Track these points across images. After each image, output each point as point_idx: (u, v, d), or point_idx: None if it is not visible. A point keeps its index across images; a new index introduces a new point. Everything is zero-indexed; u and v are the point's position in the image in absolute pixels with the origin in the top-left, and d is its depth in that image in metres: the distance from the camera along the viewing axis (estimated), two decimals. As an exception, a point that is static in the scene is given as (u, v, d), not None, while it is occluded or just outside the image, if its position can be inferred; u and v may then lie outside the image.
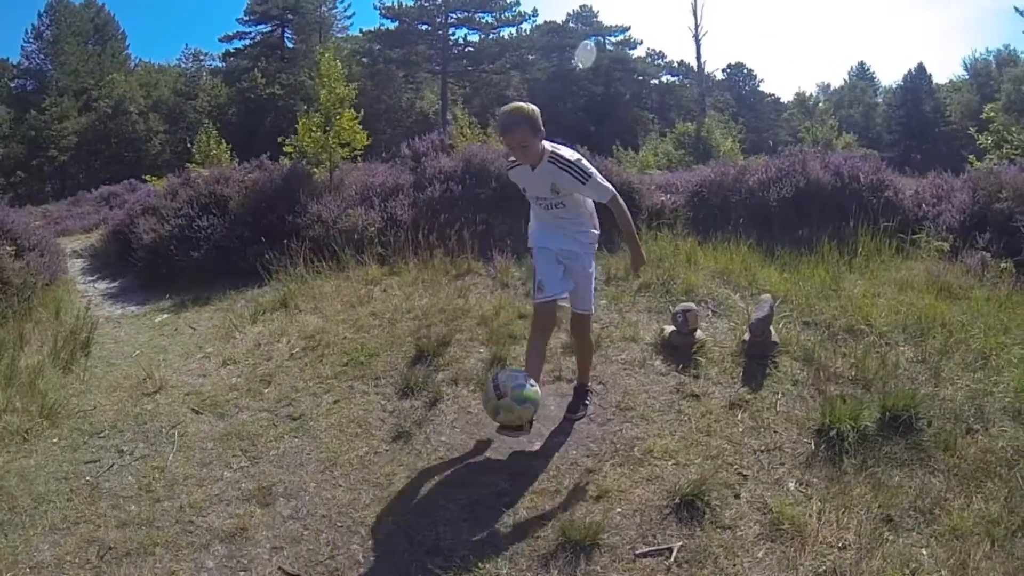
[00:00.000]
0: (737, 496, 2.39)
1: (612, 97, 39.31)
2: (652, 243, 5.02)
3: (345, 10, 42.89)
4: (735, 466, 2.55)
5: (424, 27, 38.39)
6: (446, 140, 7.56)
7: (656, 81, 44.73)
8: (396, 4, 37.93)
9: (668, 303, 4.04)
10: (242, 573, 2.16)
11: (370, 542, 2.26)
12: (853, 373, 3.09)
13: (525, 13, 40.55)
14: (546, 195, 2.73)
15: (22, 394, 3.37)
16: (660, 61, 45.26)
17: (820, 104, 43.09)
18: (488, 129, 10.35)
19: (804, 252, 4.77)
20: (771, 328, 3.30)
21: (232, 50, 38.18)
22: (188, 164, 9.34)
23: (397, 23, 37.93)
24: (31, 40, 34.06)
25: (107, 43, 36.12)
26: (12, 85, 33.69)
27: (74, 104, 32.45)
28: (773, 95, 48.71)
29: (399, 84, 38.38)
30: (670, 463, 2.58)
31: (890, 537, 2.15)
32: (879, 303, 3.81)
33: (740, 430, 2.78)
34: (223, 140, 10.94)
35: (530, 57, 40.99)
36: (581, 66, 37.09)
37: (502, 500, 2.43)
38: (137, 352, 4.47)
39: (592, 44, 37.99)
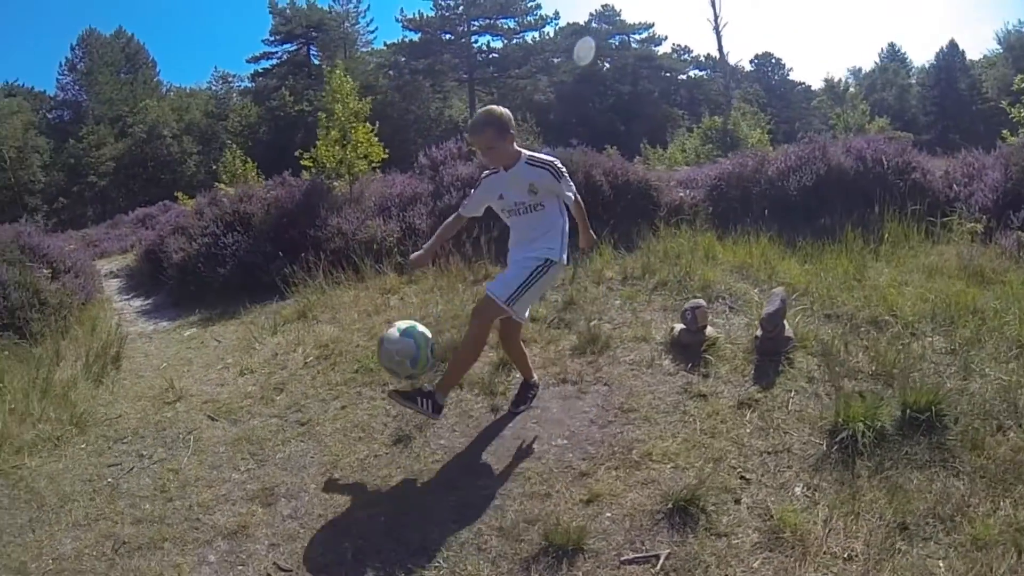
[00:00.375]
0: (737, 501, 2.38)
1: (640, 95, 39.76)
2: (669, 240, 5.07)
3: (368, 24, 45.04)
4: (738, 469, 2.56)
5: (447, 36, 39.62)
6: (463, 147, 7.78)
7: (684, 76, 44.98)
8: (417, 16, 39.50)
9: (683, 301, 4.06)
10: (240, 568, 2.37)
11: (360, 542, 2.43)
12: (874, 368, 3.05)
13: (547, 16, 41.62)
14: (524, 198, 2.88)
15: (55, 405, 3.76)
16: (686, 56, 45.56)
17: (851, 89, 42.07)
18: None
19: (827, 242, 4.72)
20: (785, 322, 3.31)
21: (260, 70, 40.48)
22: (216, 184, 9.94)
23: (420, 34, 39.38)
24: (65, 72, 37.27)
25: (138, 71, 39.06)
26: (50, 116, 36.84)
27: (110, 131, 35.11)
28: (803, 83, 48.49)
29: (427, 94, 39.66)
30: (668, 466, 2.62)
31: (903, 547, 2.08)
32: (906, 292, 3.75)
33: (747, 431, 2.79)
34: (248, 159, 11.57)
35: (555, 60, 41.81)
36: (581, 62, 37.36)
37: (491, 503, 2.53)
38: (164, 364, 4.83)
39: (591, 40, 38.27)
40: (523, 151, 2.91)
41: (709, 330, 3.52)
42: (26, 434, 3.44)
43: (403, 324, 2.89)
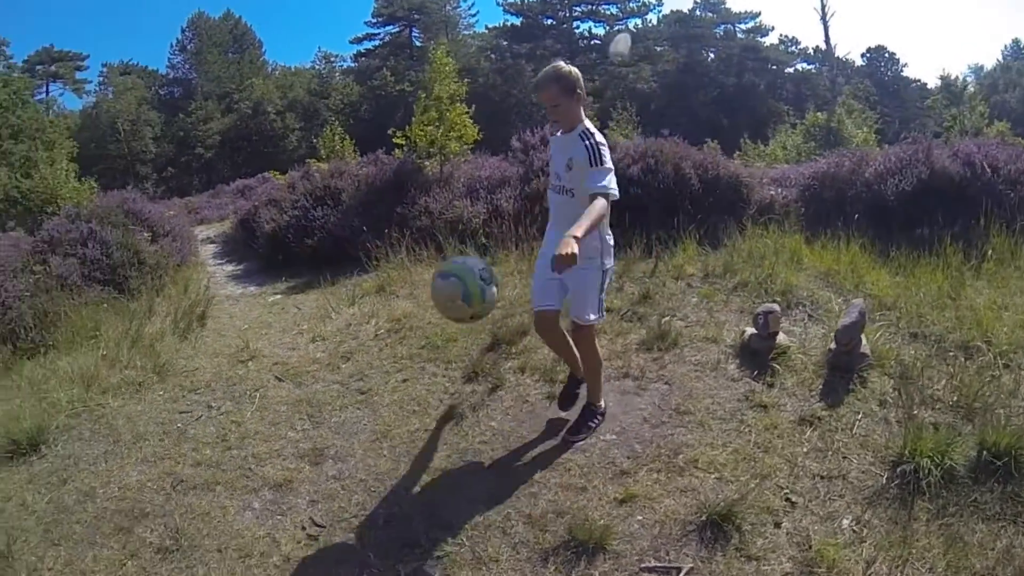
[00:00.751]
0: (777, 525, 2.27)
1: (745, 88, 38.18)
2: (755, 240, 4.86)
3: (469, 8, 46.09)
4: (785, 490, 2.42)
5: (549, 21, 39.64)
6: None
7: (790, 70, 42.87)
8: (518, 0, 39.42)
9: (762, 304, 3.93)
10: (279, 517, 2.56)
11: (394, 509, 2.55)
12: (955, 398, 2.79)
13: (650, 3, 40.86)
14: (561, 173, 2.74)
15: (142, 354, 4.18)
16: (793, 48, 43.45)
17: (969, 88, 38.09)
18: (610, 123, 10.38)
19: (922, 253, 4.35)
20: (863, 337, 3.09)
21: (362, 51, 42.50)
22: (308, 160, 10.53)
23: (521, 18, 39.73)
24: (176, 52, 40.74)
25: (245, 51, 41.85)
26: (162, 92, 40.41)
27: (217, 107, 38.17)
28: (918, 80, 44.54)
29: (528, 79, 39.87)
30: (712, 476, 2.53)
31: (949, 608, 1.89)
32: (1004, 316, 3.40)
33: (803, 450, 2.63)
34: (347, 136, 12.17)
35: (658, 48, 40.92)
36: (618, 58, 36.10)
37: (527, 489, 2.56)
38: (245, 326, 5.21)
39: (627, 34, 36.87)
40: (586, 121, 2.72)
41: (781, 337, 3.36)
42: (113, 378, 3.86)
43: (443, 265, 2.86)
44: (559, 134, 2.81)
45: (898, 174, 5.40)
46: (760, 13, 43.15)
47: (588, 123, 2.73)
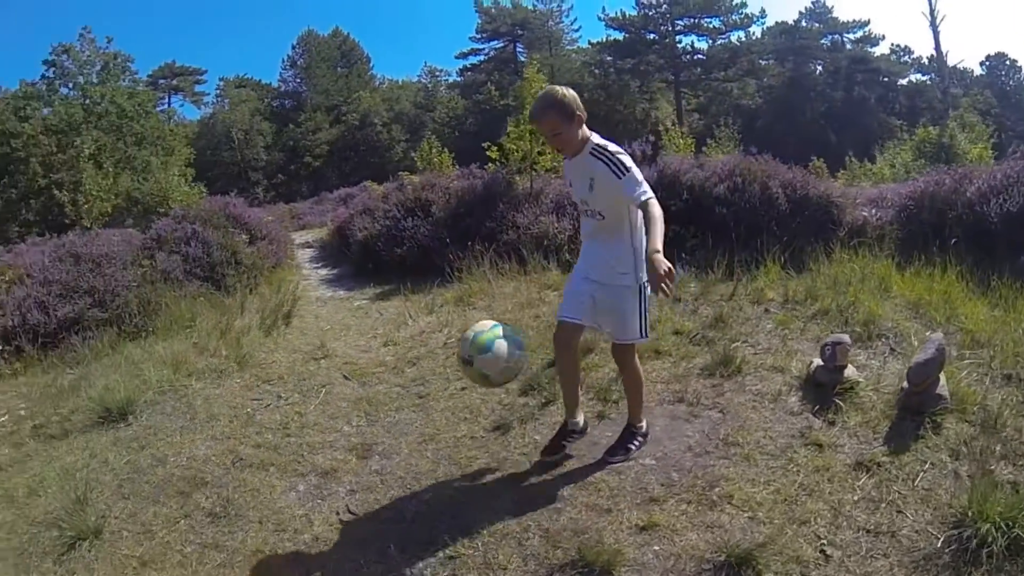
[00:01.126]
0: None
1: (855, 102, 35.95)
2: (841, 264, 4.64)
3: (572, 23, 46.23)
4: (822, 540, 2.27)
5: (651, 36, 39.37)
6: (648, 149, 7.78)
7: (903, 81, 39.63)
8: (620, 14, 39.65)
9: (842, 334, 3.75)
10: (318, 501, 2.80)
11: (423, 508, 2.69)
12: (1046, 455, 2.51)
13: (753, 15, 39.37)
14: (586, 196, 2.68)
15: (228, 346, 4.69)
16: (906, 58, 40.09)
17: None
18: (709, 141, 10.15)
19: None
20: (940, 377, 2.86)
21: (467, 66, 44.26)
22: (401, 172, 11.15)
23: (624, 33, 39.65)
24: (287, 67, 44.20)
25: (353, 65, 44.73)
26: (274, 104, 43.95)
27: (326, 118, 41.04)
28: None
29: (633, 94, 39.78)
30: (745, 515, 2.43)
31: None
32: None
33: (853, 498, 2.46)
34: (445, 149, 12.77)
35: (763, 62, 39.55)
36: None
37: (551, 504, 2.60)
38: (327, 327, 5.65)
39: None
40: (592, 136, 2.64)
41: (850, 371, 3.19)
42: (199, 363, 4.38)
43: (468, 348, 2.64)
44: (570, 159, 2.74)
45: (1003, 193, 4.90)
46: (869, 21, 40.01)
47: (596, 137, 2.66)
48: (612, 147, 2.61)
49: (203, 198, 13.88)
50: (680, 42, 40.11)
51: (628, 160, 2.56)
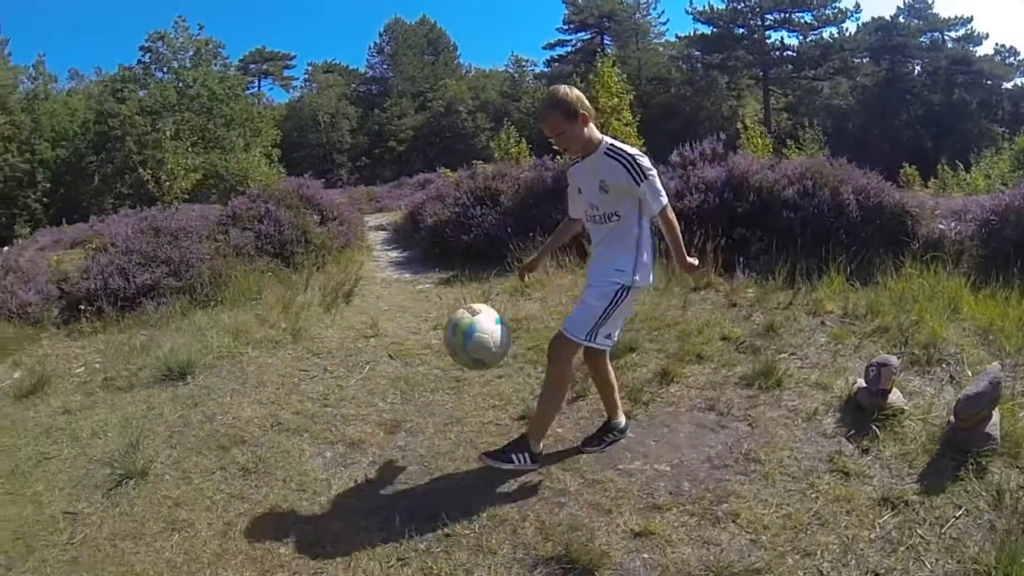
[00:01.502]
0: None
1: (954, 106, 33.30)
2: (909, 280, 4.37)
3: (659, 16, 45.74)
4: None
5: (740, 30, 37.95)
6: (718, 147, 7.58)
7: (1008, 85, 36.28)
8: (708, 8, 38.42)
9: (899, 353, 3.57)
10: (342, 468, 3.00)
11: (433, 485, 2.83)
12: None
13: (847, 10, 37.21)
14: (595, 200, 2.64)
15: (287, 319, 5.04)
16: (1012, 60, 36.39)
17: None
18: (789, 143, 9.64)
19: None
20: (993, 414, 2.65)
21: (554, 56, 44.54)
22: (475, 161, 11.36)
23: (712, 27, 38.46)
24: (374, 54, 46.05)
25: (440, 53, 46.04)
26: (360, 89, 45.98)
27: (411, 104, 42.57)
28: None
29: (721, 91, 38.44)
30: (747, 536, 2.36)
31: None
32: None
33: (870, 536, 2.31)
34: (522, 140, 12.90)
35: (856, 61, 37.29)
36: None
37: (555, 499, 2.65)
38: (386, 308, 5.92)
39: None
40: (606, 138, 2.61)
41: (895, 396, 3.02)
42: (258, 334, 4.73)
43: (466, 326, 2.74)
44: (579, 162, 2.70)
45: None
46: (972, 19, 36.48)
47: (609, 138, 2.63)
48: (630, 149, 2.59)
49: (281, 178, 14.75)
50: (769, 37, 38.64)
51: (647, 162, 2.54)
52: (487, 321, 2.74)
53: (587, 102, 2.60)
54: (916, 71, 37.11)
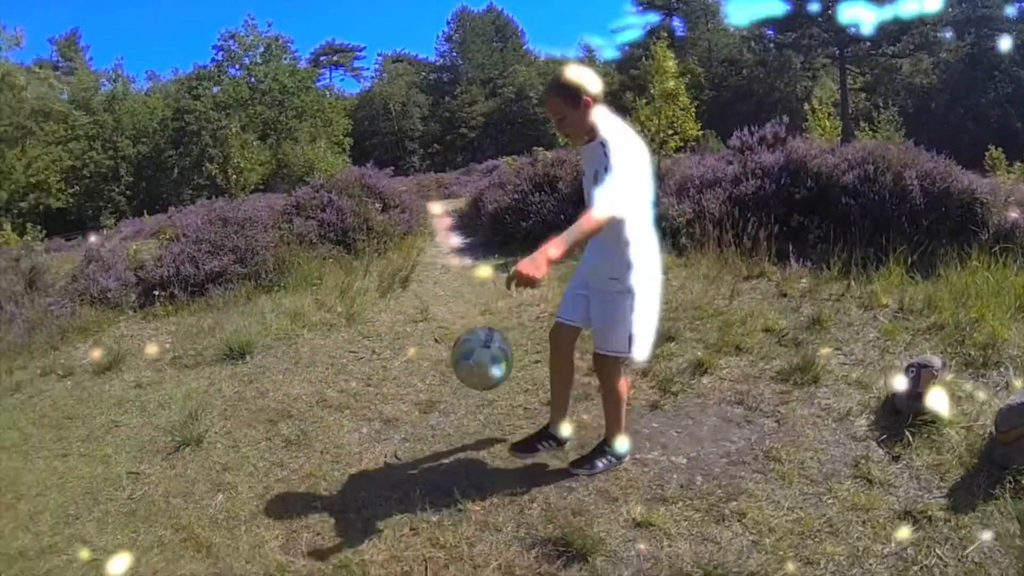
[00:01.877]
0: None
1: None
2: (972, 273, 4.11)
3: None
4: None
5: (814, 6, 35.43)
6: (780, 132, 7.31)
7: None
8: None
9: (954, 353, 3.42)
10: (375, 443, 3.21)
11: (454, 462, 2.99)
12: None
13: None
14: (591, 189, 2.40)
15: (343, 303, 5.33)
16: None
17: None
18: (864, 125, 8.96)
19: None
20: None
21: (625, 41, 44.04)
22: (535, 148, 11.43)
23: (785, 3, 36.15)
24: (443, 42, 47.11)
25: (507, 40, 46.25)
26: (431, 78, 47.01)
27: (481, 91, 43.17)
28: None
29: (795, 71, 36.32)
30: (749, 537, 2.32)
31: None
32: None
33: (883, 550, 2.19)
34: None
35: (938, 35, 33.74)
36: None
37: (566, 483, 2.72)
38: (441, 293, 6.15)
39: None
40: (608, 124, 2.41)
41: (938, 400, 2.83)
42: (315, 317, 5.07)
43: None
44: (584, 147, 2.56)
45: None
46: None
47: (611, 124, 2.45)
48: (621, 136, 2.39)
49: (346, 167, 15.36)
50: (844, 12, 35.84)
51: (618, 154, 2.31)
52: (487, 358, 2.50)
53: (595, 86, 2.39)
54: (1005, 46, 33.22)
